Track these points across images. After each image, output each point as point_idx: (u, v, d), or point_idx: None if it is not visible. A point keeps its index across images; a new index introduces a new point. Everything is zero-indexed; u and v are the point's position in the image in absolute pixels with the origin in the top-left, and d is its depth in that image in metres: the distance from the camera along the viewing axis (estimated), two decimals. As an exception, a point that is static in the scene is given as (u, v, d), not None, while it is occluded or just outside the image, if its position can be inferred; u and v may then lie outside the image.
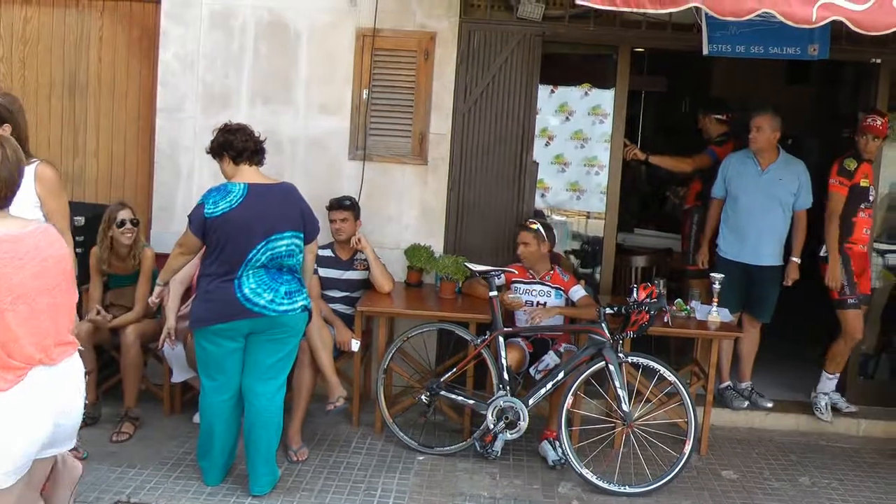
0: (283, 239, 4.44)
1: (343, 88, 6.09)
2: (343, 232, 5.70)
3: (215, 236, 4.35)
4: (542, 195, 7.03)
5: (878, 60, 6.16)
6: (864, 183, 5.96)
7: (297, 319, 4.55)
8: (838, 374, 6.14)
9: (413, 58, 6.02)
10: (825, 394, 6.16)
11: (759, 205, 6.02)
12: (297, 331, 4.59)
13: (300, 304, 4.53)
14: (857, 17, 4.22)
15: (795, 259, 6.13)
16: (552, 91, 7.27)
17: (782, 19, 4.21)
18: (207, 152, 4.62)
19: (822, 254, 6.03)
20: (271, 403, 4.58)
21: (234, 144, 4.49)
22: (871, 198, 6.03)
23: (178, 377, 5.51)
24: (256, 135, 4.59)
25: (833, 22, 4.32)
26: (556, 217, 7.36)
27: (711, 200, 6.30)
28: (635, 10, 4.24)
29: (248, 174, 4.51)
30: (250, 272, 4.38)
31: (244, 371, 4.56)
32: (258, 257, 4.38)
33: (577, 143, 7.00)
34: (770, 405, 6.22)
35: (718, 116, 6.67)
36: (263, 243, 4.38)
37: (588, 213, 6.81)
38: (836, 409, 6.23)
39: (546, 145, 7.06)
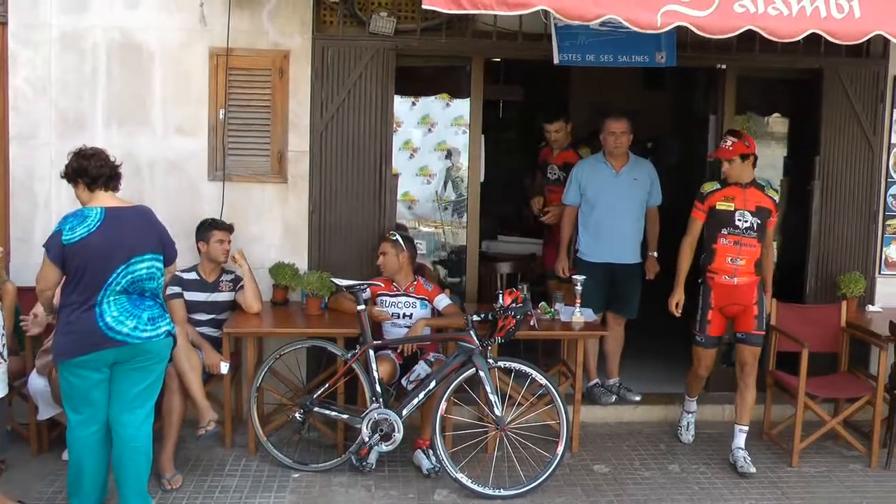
0: (143, 261, 4.34)
1: (199, 109, 5.99)
2: (225, 254, 5.66)
3: (74, 263, 4.22)
4: (409, 207, 7.09)
5: (724, 66, 6.42)
6: (722, 206, 5.47)
7: (162, 345, 4.45)
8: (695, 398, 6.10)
9: (268, 76, 5.98)
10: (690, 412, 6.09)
11: (618, 206, 6.23)
12: (162, 357, 4.48)
13: (164, 329, 4.42)
14: (700, 22, 4.38)
15: (653, 254, 6.42)
16: (413, 104, 7.35)
17: (628, 25, 4.34)
18: (62, 177, 4.48)
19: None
20: (139, 433, 4.45)
21: (89, 171, 4.37)
22: (739, 223, 5.44)
23: (44, 414, 5.29)
24: (112, 159, 4.47)
25: (679, 30, 4.49)
26: (425, 228, 7.44)
27: (565, 208, 6.46)
28: (482, 11, 4.28)
29: (104, 199, 4.39)
30: (111, 299, 4.25)
31: (110, 402, 4.42)
32: (118, 281, 4.26)
33: (441, 154, 7.10)
34: (638, 399, 6.43)
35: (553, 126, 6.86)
36: (124, 266, 4.26)
37: (456, 223, 6.87)
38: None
39: (410, 157, 7.13)
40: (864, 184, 6.58)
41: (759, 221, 5.46)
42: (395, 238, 5.60)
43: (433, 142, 7.18)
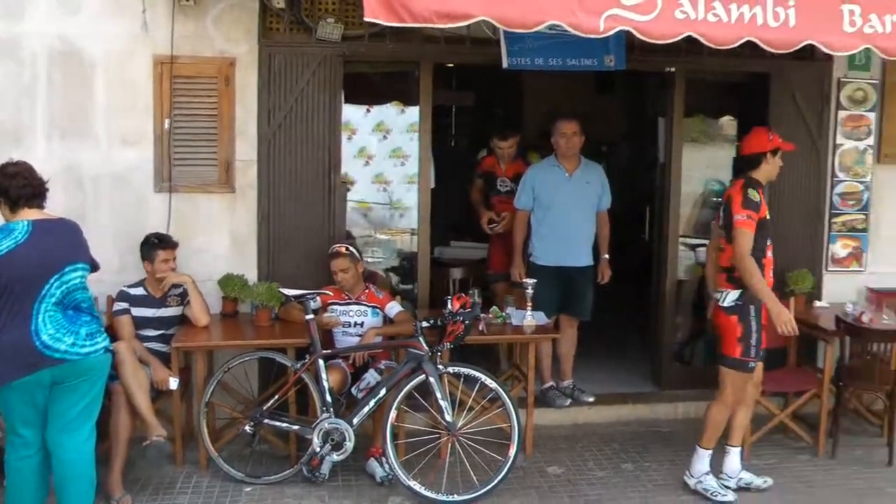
0: (76, 270, 4.23)
1: (144, 119, 5.89)
2: (169, 271, 5.55)
3: (3, 279, 4.06)
4: (365, 215, 7.06)
5: (672, 69, 6.48)
6: (767, 215, 5.06)
7: (101, 361, 4.33)
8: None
9: (214, 84, 5.91)
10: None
11: (571, 209, 6.25)
12: (101, 373, 4.37)
13: (102, 345, 4.32)
14: (642, 27, 4.40)
15: (606, 257, 6.45)
16: (368, 111, 7.32)
17: (571, 30, 4.34)
18: None
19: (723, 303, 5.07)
20: (81, 454, 4.33)
21: (10, 192, 4.20)
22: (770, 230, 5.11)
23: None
24: (38, 176, 4.29)
25: (627, 34, 4.50)
26: (380, 236, 7.42)
27: (517, 213, 6.44)
28: (423, 25, 4.28)
29: (28, 214, 4.25)
30: (46, 316, 4.11)
31: (48, 423, 4.28)
32: (52, 292, 4.13)
33: (396, 161, 7.08)
34: (592, 400, 6.46)
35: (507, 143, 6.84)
36: (57, 276, 4.14)
37: (412, 229, 6.84)
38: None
39: (366, 165, 7.10)
40: (810, 183, 6.68)
41: None
42: (350, 252, 5.56)
43: (388, 148, 7.14)
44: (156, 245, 5.55)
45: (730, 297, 5.03)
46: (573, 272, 6.29)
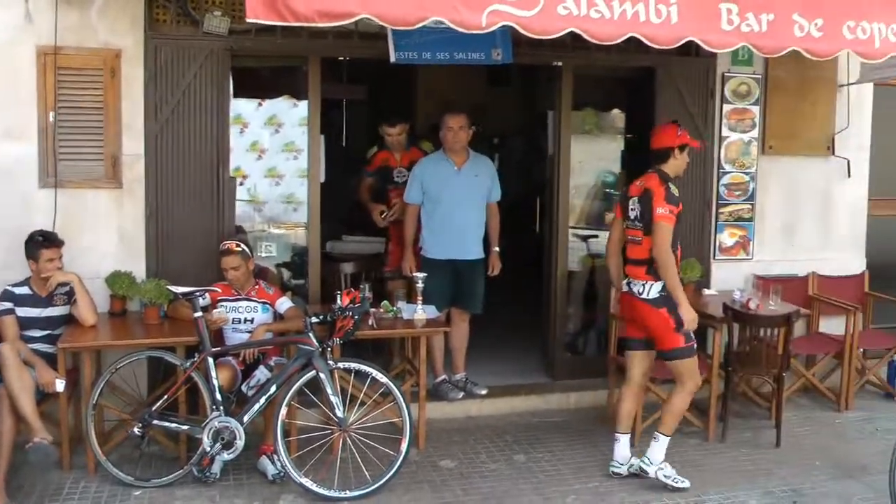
0: None
1: (28, 111, 5.69)
2: (55, 270, 5.39)
3: None
4: (259, 210, 6.98)
5: (560, 63, 6.57)
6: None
7: None
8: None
9: (100, 76, 5.76)
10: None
11: (462, 203, 6.31)
12: None
13: None
14: (524, 22, 4.43)
15: (496, 249, 6.51)
16: (260, 104, 7.24)
17: (453, 26, 4.36)
18: None
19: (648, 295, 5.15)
20: None
21: None
22: None
23: None
24: None
25: (514, 28, 4.55)
26: (274, 230, 7.35)
27: (407, 206, 6.47)
28: (304, 24, 4.25)
29: None
30: None
31: None
32: None
33: (289, 155, 7.02)
34: (484, 392, 6.52)
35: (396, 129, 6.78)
36: None
37: (305, 224, 6.79)
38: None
39: (259, 159, 7.02)
40: (697, 175, 6.85)
41: None
42: (241, 249, 5.50)
43: (281, 142, 7.08)
44: (40, 244, 5.39)
45: (654, 289, 5.15)
46: (464, 265, 6.36)
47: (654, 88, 6.69)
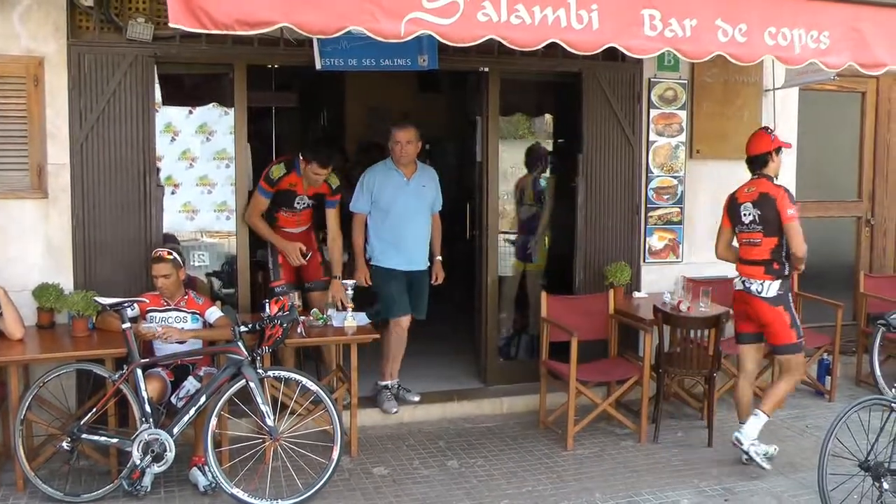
0: None
1: (-52, 120, 5.61)
2: None
3: None
4: (191, 219, 6.90)
5: (486, 69, 6.60)
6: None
7: None
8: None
9: (22, 84, 5.66)
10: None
11: (411, 213, 6.35)
12: None
13: None
14: (443, 31, 4.43)
15: (439, 258, 6.62)
16: (190, 112, 7.15)
17: (372, 35, 4.36)
18: None
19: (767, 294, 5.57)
20: None
21: None
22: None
23: None
24: None
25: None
26: (207, 239, 7.25)
27: (355, 216, 6.43)
28: (224, 31, 4.22)
29: None
30: None
31: None
32: None
33: (221, 163, 6.93)
34: (417, 399, 6.53)
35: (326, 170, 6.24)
36: None
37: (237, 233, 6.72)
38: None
39: (190, 167, 6.94)
40: (626, 179, 6.96)
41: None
42: (173, 257, 5.44)
43: (212, 150, 7.00)
44: None
45: (772, 288, 5.54)
46: (412, 275, 6.42)
47: (581, 93, 6.75)
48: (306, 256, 6.33)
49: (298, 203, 6.30)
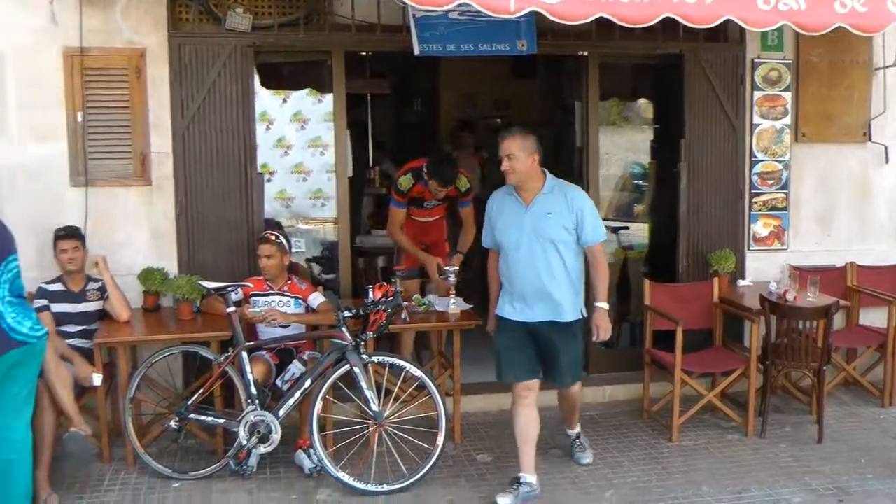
0: (15, 260, 4.28)
1: (57, 112, 5.75)
2: (77, 261, 5.44)
3: None
4: (287, 206, 6.96)
5: (585, 53, 6.47)
6: None
7: (45, 347, 4.42)
8: None
9: (125, 76, 5.78)
10: None
11: (524, 247, 4.84)
12: (42, 358, 4.46)
13: (44, 331, 4.39)
14: (553, 9, 4.40)
15: (601, 305, 4.98)
16: (285, 100, 7.23)
17: (480, 9, 4.32)
18: None
19: None
20: (28, 435, 4.43)
21: None
22: None
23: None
24: None
25: (539, 18, 4.49)
26: (303, 226, 7.33)
27: (489, 253, 5.20)
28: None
29: None
30: (3, 301, 4.17)
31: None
32: (4, 279, 4.18)
33: (315, 151, 6.99)
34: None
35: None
36: (3, 265, 4.19)
37: (333, 219, 6.76)
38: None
39: (285, 155, 7.01)
40: (729, 164, 6.75)
41: None
42: (279, 241, 5.49)
43: (306, 138, 7.06)
44: (56, 237, 5.49)
45: None
46: (537, 329, 4.92)
47: (683, 76, 6.57)
48: (443, 276, 5.93)
49: (428, 204, 6.30)
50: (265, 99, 6.92)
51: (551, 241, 4.81)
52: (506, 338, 4.98)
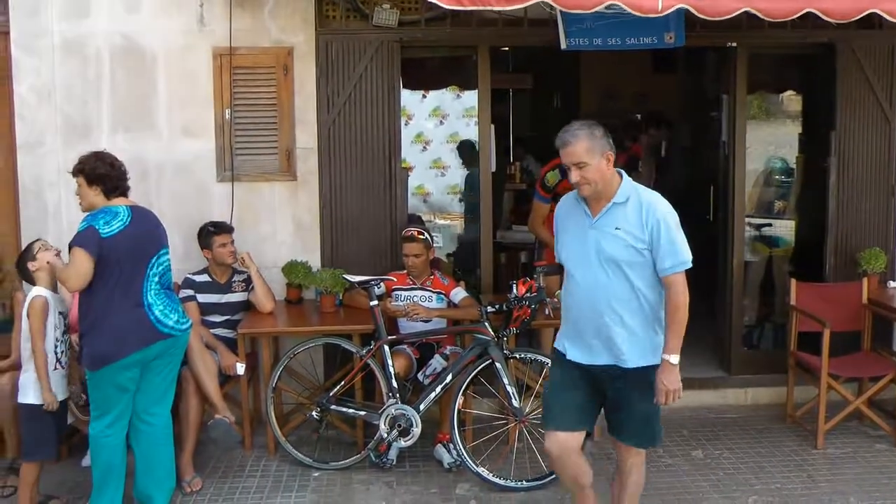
0: (166, 253, 4.59)
1: (205, 110, 5.96)
2: (231, 255, 5.63)
3: (112, 257, 4.31)
4: (425, 200, 7.02)
5: (734, 44, 6.28)
6: None
7: (188, 339, 4.70)
8: None
9: (272, 74, 5.94)
10: None
11: (584, 269, 3.84)
12: (184, 349, 4.74)
13: (189, 323, 4.67)
14: (699, 5, 4.37)
15: (669, 358, 3.86)
16: (424, 96, 7.29)
17: (629, 10, 4.28)
18: (74, 174, 4.50)
19: None
20: (169, 421, 4.69)
21: (109, 180, 4.48)
22: None
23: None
24: (123, 168, 4.58)
25: (686, 9, 4.41)
26: (440, 221, 7.38)
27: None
28: (482, 7, 4.24)
29: (122, 201, 4.53)
30: (153, 294, 4.43)
31: (142, 395, 4.55)
32: (155, 272, 4.46)
33: (453, 146, 7.03)
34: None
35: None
36: (155, 258, 4.47)
37: (470, 214, 6.79)
38: None
39: (423, 150, 7.07)
40: (881, 158, 6.44)
41: None
42: (424, 237, 5.55)
43: (445, 133, 7.11)
44: (211, 232, 5.65)
45: None
46: (598, 372, 3.92)
47: (834, 66, 6.30)
48: None
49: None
50: (404, 94, 6.97)
51: (616, 264, 3.76)
52: (557, 374, 4.07)
